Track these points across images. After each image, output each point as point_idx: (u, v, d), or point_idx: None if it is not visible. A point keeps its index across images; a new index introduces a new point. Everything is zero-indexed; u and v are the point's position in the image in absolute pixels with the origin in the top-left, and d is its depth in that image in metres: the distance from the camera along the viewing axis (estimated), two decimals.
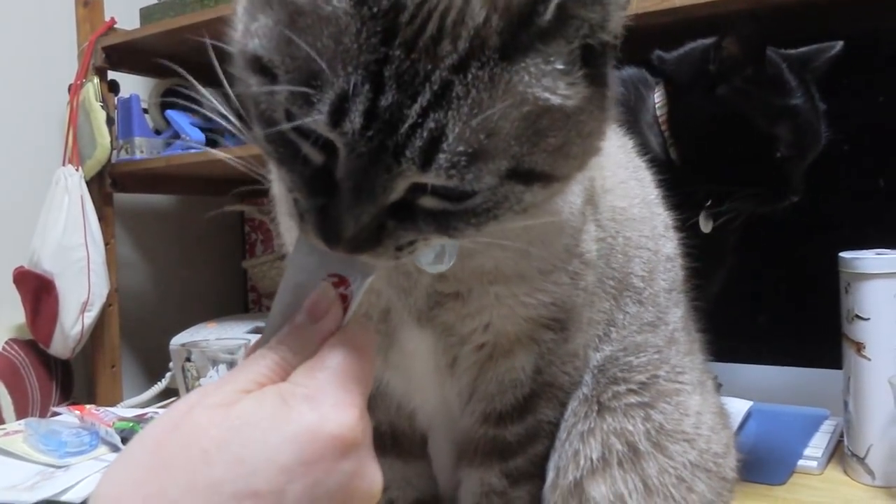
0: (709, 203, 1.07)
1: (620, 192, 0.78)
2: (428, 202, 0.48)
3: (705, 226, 1.08)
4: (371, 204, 0.46)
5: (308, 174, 0.48)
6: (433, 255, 0.59)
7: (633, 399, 0.72)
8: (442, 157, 0.44)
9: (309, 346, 0.51)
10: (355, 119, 0.44)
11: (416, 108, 0.43)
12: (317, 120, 0.44)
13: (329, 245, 0.49)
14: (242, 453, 0.43)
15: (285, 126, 0.47)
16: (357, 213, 0.46)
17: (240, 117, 0.54)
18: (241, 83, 0.51)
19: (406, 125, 0.44)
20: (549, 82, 0.46)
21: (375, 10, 0.43)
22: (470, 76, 0.44)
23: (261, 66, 0.47)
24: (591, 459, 0.70)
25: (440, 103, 0.44)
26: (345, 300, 0.54)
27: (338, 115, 0.44)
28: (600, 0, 0.47)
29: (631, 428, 0.71)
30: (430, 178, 0.46)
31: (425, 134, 0.44)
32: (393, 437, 0.77)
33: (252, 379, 0.48)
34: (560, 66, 0.47)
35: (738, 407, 1.29)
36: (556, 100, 0.47)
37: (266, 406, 0.46)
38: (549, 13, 0.45)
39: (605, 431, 0.71)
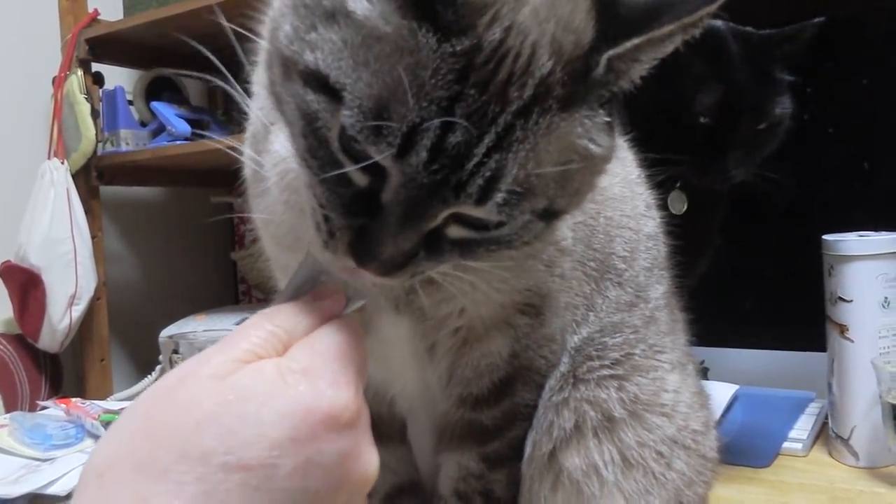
0: (678, 184, 1.07)
1: None
2: (455, 231, 0.50)
3: (677, 207, 1.07)
4: (415, 231, 0.48)
5: (349, 194, 0.49)
6: None
7: (606, 372, 0.72)
8: (499, 195, 0.46)
9: (307, 321, 0.51)
10: (422, 153, 0.44)
11: (482, 147, 0.45)
12: (386, 155, 0.45)
13: (360, 264, 0.49)
14: (235, 427, 0.43)
15: (351, 168, 0.47)
16: (401, 238, 0.47)
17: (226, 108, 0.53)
18: (276, 84, 0.50)
19: (472, 163, 0.45)
20: (594, 133, 0.49)
21: (458, 48, 0.44)
22: (531, 122, 0.46)
23: (323, 85, 0.46)
24: (565, 430, 0.70)
25: (502, 145, 0.45)
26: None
27: (405, 147, 0.44)
28: (637, 57, 0.49)
29: (604, 396, 0.71)
30: (481, 213, 0.47)
31: (488, 173, 0.45)
32: (371, 423, 0.77)
33: (249, 349, 0.48)
34: (605, 119, 0.50)
35: (724, 391, 1.30)
36: (595, 150, 0.50)
37: (263, 380, 0.46)
38: (601, 67, 0.48)
39: (578, 400, 0.71)
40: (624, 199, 0.79)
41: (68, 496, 1.11)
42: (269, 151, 0.65)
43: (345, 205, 0.49)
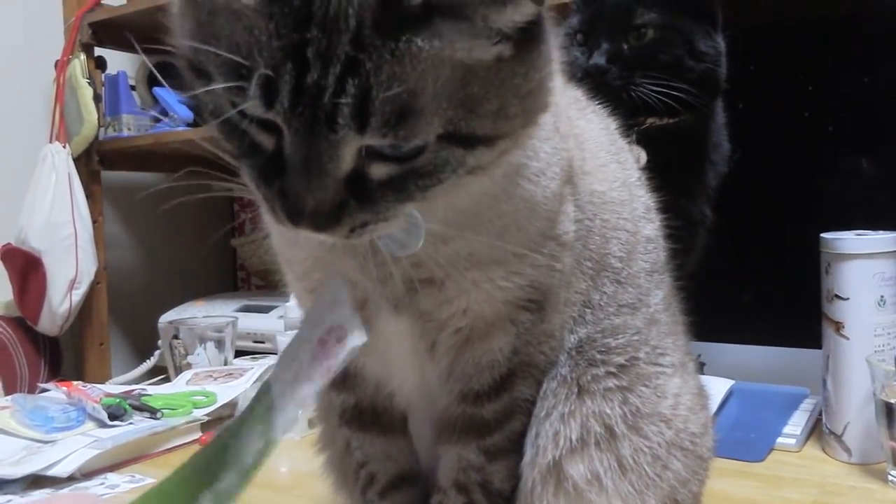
0: (633, 135, 1.09)
1: (600, 176, 0.78)
2: (377, 170, 0.51)
3: (639, 155, 1.10)
4: (324, 175, 0.49)
5: (261, 162, 0.51)
6: (399, 241, 0.60)
7: (611, 383, 0.73)
8: (372, 118, 0.47)
9: None
10: (284, 98, 0.47)
11: (331, 78, 0.46)
12: (252, 104, 0.48)
13: (294, 223, 0.51)
14: None
15: (230, 113, 0.49)
16: (311, 185, 0.49)
17: None
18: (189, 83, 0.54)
19: (328, 94, 0.47)
20: (461, 45, 0.49)
21: (285, 7, 0.46)
22: (370, 47, 0.47)
23: (196, 69, 0.51)
24: (571, 440, 0.71)
25: (356, 71, 0.46)
26: (333, 357, 0.58)
27: (270, 97, 0.47)
28: None
29: (609, 411, 0.72)
30: (369, 140, 0.48)
31: (349, 99, 0.47)
32: (373, 413, 0.78)
33: None
34: (467, 30, 0.49)
35: (719, 386, 1.31)
36: (471, 60, 0.50)
37: None
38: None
39: (584, 414, 0.72)
40: (622, 202, 0.79)
41: (69, 478, 1.13)
42: None
43: (263, 174, 0.51)
